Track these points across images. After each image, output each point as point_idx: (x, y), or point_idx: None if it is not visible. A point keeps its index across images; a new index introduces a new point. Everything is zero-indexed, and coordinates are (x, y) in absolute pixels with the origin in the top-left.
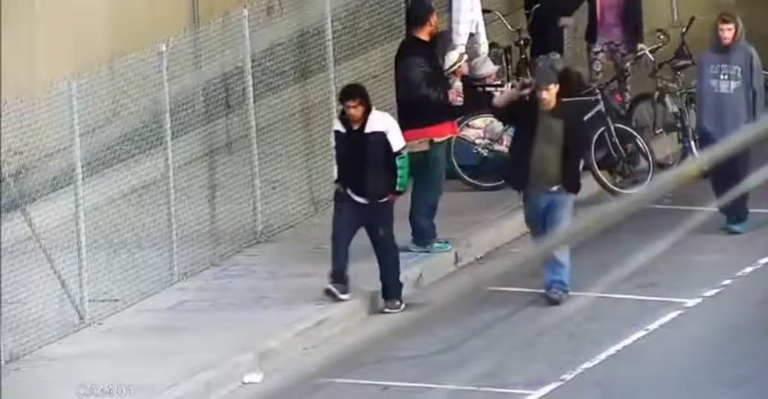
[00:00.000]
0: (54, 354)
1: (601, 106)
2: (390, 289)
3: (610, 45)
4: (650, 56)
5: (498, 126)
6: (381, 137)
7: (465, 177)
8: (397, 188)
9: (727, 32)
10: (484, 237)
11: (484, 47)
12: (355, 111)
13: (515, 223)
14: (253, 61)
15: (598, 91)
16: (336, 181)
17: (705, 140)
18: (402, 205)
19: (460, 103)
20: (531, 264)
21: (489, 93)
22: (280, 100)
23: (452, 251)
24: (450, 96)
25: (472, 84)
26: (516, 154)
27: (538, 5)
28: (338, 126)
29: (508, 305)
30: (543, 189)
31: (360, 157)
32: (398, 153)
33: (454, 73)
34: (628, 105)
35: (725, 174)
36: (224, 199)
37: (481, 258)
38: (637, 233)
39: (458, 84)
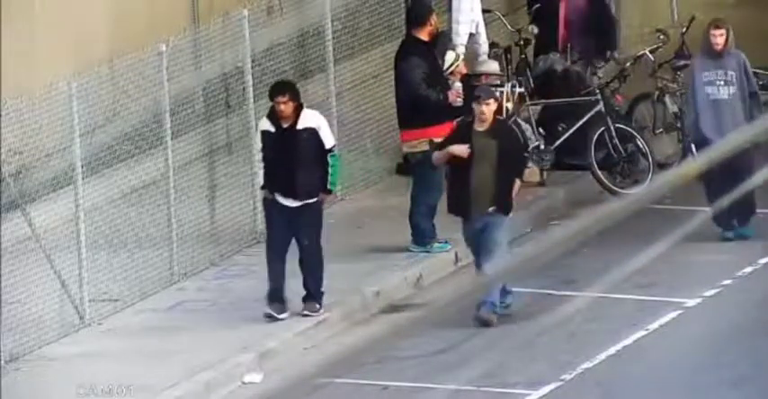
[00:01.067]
0: (54, 354)
1: (601, 106)
2: (312, 293)
3: (580, 54)
4: (650, 56)
5: None
6: (314, 133)
7: None
8: (329, 186)
9: (719, 38)
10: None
11: (484, 47)
12: (285, 107)
13: (515, 223)
14: (253, 61)
15: (598, 91)
16: (263, 187)
17: (705, 147)
18: (402, 205)
19: (460, 104)
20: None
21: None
22: None
23: (452, 251)
24: (450, 96)
25: (472, 83)
26: (453, 177)
27: (538, 5)
28: (266, 125)
29: (508, 305)
30: (480, 211)
31: (290, 156)
32: (330, 150)
33: (452, 73)
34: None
35: (722, 181)
36: (224, 199)
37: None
38: (637, 233)
39: (458, 84)
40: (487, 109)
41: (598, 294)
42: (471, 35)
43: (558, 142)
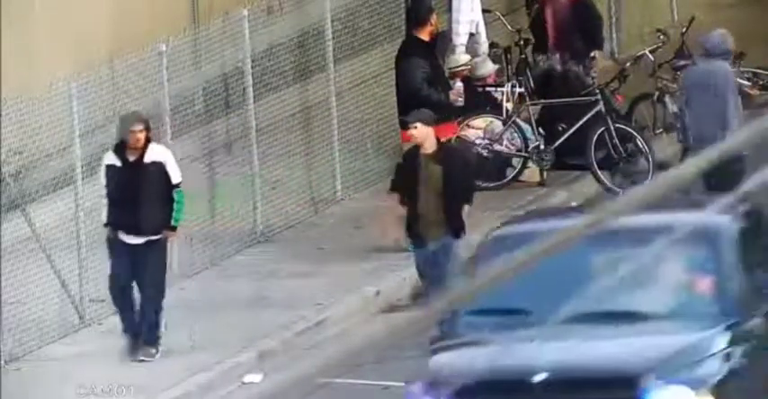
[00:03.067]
0: (54, 354)
1: (601, 106)
2: (149, 335)
3: (570, 55)
4: (650, 56)
5: (498, 126)
6: (161, 167)
7: None
8: (173, 222)
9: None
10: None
11: (484, 47)
12: (140, 135)
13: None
14: (253, 61)
15: (598, 91)
16: (106, 225)
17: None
18: None
19: (461, 104)
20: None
21: (489, 93)
22: (280, 100)
23: None
24: (451, 96)
25: (472, 84)
26: (407, 204)
27: (537, 5)
28: (111, 159)
29: None
30: (429, 237)
31: (136, 191)
32: (177, 185)
33: (454, 74)
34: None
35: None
36: (224, 199)
37: None
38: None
39: (458, 84)
40: (417, 132)
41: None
42: (471, 35)
43: (558, 142)
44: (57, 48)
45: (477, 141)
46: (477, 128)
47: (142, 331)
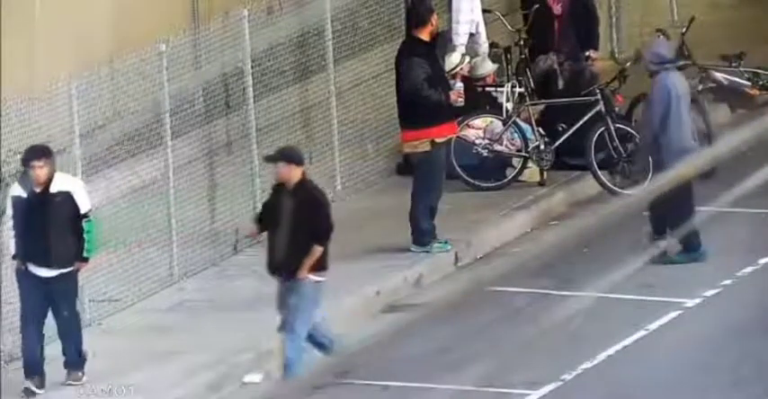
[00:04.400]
0: (54, 354)
1: (601, 106)
2: (73, 362)
3: (566, 55)
4: None
5: (498, 126)
6: (68, 197)
7: (465, 177)
8: (84, 254)
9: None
10: (484, 237)
11: (484, 47)
12: (41, 172)
13: (515, 223)
14: (253, 61)
15: (598, 91)
16: (14, 257)
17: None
18: (402, 205)
19: (461, 104)
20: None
21: (489, 93)
22: (280, 100)
23: (452, 251)
24: (452, 97)
25: (472, 84)
26: (268, 238)
27: (537, 6)
28: (17, 190)
29: (508, 305)
30: (282, 273)
31: (43, 222)
32: (86, 215)
33: (454, 75)
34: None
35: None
36: (224, 199)
37: (481, 258)
38: (637, 233)
39: (459, 84)
40: (281, 171)
41: (598, 294)
42: (471, 35)
43: (558, 142)
44: (57, 48)
45: (477, 141)
46: (477, 128)
47: (42, 364)
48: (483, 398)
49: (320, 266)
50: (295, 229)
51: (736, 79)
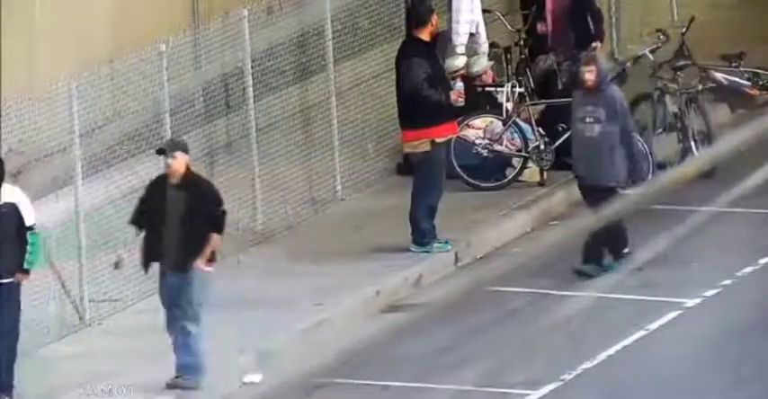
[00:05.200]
0: (54, 354)
1: None
2: (5, 379)
3: (565, 52)
4: (650, 56)
5: (498, 126)
6: (13, 209)
7: (465, 177)
8: (26, 265)
9: (589, 74)
10: (484, 237)
11: (484, 47)
12: None
13: (515, 223)
14: (253, 61)
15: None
16: None
17: (580, 183)
18: (402, 205)
19: (461, 104)
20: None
21: (489, 93)
22: (280, 100)
23: (452, 251)
24: (452, 97)
25: (472, 84)
26: (147, 230)
27: (537, 6)
28: None
29: (508, 305)
30: (173, 266)
31: None
32: (31, 227)
33: (455, 75)
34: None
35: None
36: (224, 199)
37: (481, 258)
38: (637, 233)
39: (459, 84)
40: (176, 162)
41: (598, 294)
42: (471, 35)
43: (558, 142)
44: (57, 48)
45: (477, 141)
46: (477, 128)
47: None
48: (483, 398)
49: (212, 256)
50: (189, 221)
51: (736, 79)
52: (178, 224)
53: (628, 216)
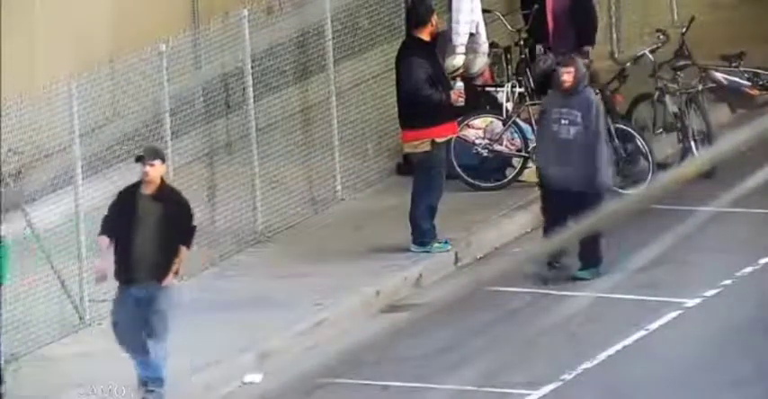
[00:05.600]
0: (54, 354)
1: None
2: None
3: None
4: (650, 56)
5: (498, 126)
6: None
7: (465, 177)
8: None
9: (567, 75)
10: (484, 237)
11: (484, 47)
12: None
13: (515, 223)
14: (253, 61)
15: (598, 91)
16: None
17: (547, 186)
18: (402, 205)
19: (461, 104)
20: None
21: (489, 93)
22: (280, 100)
23: (452, 251)
24: (452, 97)
25: (472, 84)
26: (116, 243)
27: (537, 6)
28: None
29: (508, 305)
30: (143, 280)
31: None
32: None
33: (455, 75)
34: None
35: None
36: (224, 199)
37: (481, 258)
38: (637, 233)
39: (459, 84)
40: (153, 170)
41: (598, 294)
42: (471, 35)
43: None
44: (57, 48)
45: (477, 141)
46: (477, 128)
47: None
48: (483, 398)
49: (176, 269)
50: (162, 232)
51: (736, 79)
52: (151, 235)
53: (609, 226)
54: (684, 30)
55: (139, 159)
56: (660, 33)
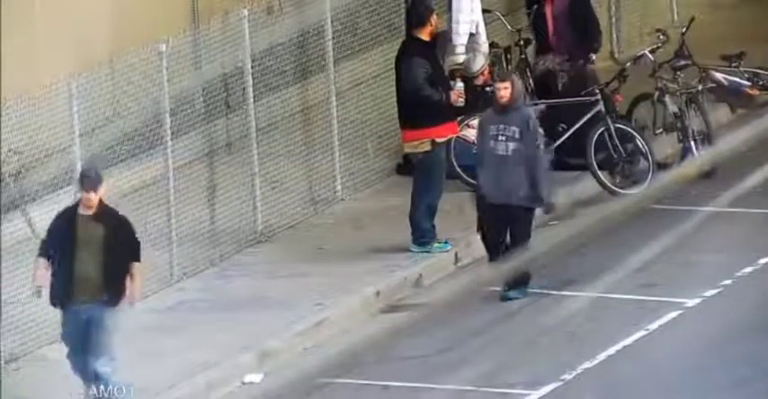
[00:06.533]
0: (54, 354)
1: (601, 106)
2: None
3: (563, 55)
4: (650, 56)
5: None
6: None
7: (465, 177)
8: None
9: (503, 91)
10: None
11: (484, 47)
12: None
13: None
14: (253, 61)
15: (598, 91)
16: None
17: (482, 202)
18: (402, 205)
19: (461, 104)
20: None
21: (488, 92)
22: (280, 100)
23: (452, 251)
24: (452, 97)
25: (472, 84)
26: (57, 265)
27: (537, 6)
28: None
29: (508, 305)
30: (85, 301)
31: None
32: None
33: (455, 74)
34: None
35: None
36: (224, 199)
37: (481, 258)
38: (637, 233)
39: (459, 84)
40: (94, 194)
41: (598, 294)
42: (471, 35)
43: (558, 142)
44: (57, 48)
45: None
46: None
47: None
48: (483, 398)
49: (123, 291)
50: (106, 253)
51: (736, 79)
52: (94, 256)
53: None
54: (684, 30)
55: (81, 183)
56: (660, 33)
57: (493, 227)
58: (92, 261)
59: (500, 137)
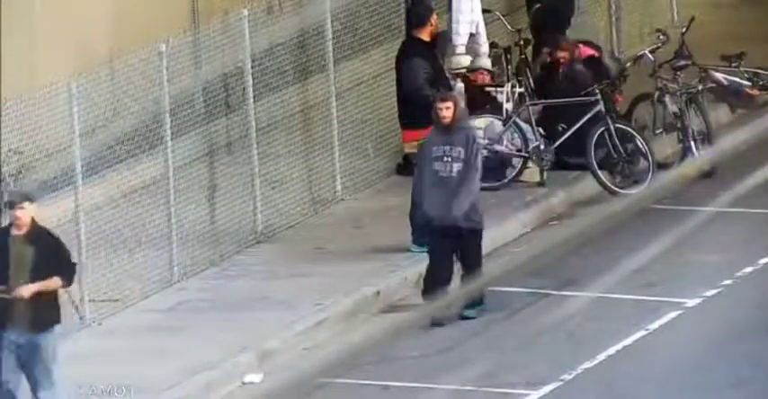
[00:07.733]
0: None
1: (600, 106)
2: None
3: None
4: (650, 56)
5: (498, 126)
6: None
7: None
8: None
9: (446, 111)
10: (484, 237)
11: (484, 47)
12: None
13: (515, 223)
14: (253, 61)
15: (598, 91)
16: None
17: (429, 226)
18: (402, 205)
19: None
20: None
21: (489, 93)
22: (280, 100)
23: None
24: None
25: (472, 84)
26: None
27: (538, 5)
28: None
29: (508, 305)
30: (25, 327)
31: None
32: None
33: (455, 75)
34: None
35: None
36: (224, 199)
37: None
38: (637, 233)
39: (459, 85)
40: (23, 213)
41: (598, 294)
42: (471, 35)
43: (558, 142)
44: (57, 48)
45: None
46: (477, 129)
47: None
48: (483, 398)
49: (59, 315)
50: (40, 274)
51: (736, 79)
52: (28, 277)
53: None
54: (684, 30)
55: (9, 204)
56: (660, 33)
57: (440, 257)
58: (24, 283)
59: (445, 158)
